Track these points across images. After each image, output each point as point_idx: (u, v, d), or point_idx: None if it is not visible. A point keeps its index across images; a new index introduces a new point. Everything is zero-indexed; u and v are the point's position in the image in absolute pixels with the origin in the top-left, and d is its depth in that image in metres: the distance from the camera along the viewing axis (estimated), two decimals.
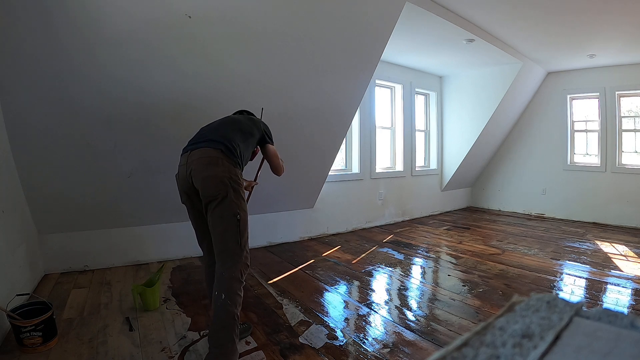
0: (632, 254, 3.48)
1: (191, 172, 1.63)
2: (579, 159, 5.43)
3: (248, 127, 1.86)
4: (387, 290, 2.65)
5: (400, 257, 3.44)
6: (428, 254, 3.55)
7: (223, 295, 1.54)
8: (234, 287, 1.57)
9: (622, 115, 4.93)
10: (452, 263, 3.24)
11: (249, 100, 2.85)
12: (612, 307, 2.28)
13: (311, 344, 1.84)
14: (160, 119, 2.61)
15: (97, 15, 2.03)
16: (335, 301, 2.43)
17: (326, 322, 2.09)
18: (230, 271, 1.59)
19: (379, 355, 1.74)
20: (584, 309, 0.30)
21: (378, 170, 4.83)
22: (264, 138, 1.96)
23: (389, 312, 2.24)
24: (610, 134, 4.95)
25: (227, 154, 1.66)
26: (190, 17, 2.22)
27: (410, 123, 5.19)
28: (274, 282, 2.73)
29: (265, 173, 2.25)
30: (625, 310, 2.25)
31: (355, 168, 4.56)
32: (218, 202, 1.59)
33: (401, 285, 2.71)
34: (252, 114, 2.13)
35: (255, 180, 2.29)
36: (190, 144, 1.72)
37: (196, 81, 2.56)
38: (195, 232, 1.82)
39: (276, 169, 2.02)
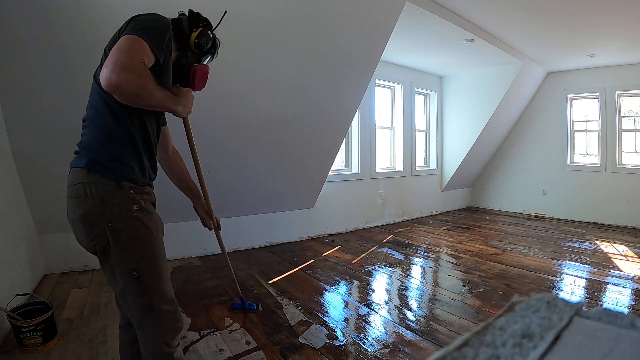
0: (632, 254, 3.48)
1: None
2: (579, 159, 5.43)
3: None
4: (387, 290, 2.65)
5: (400, 257, 3.44)
6: (428, 254, 3.55)
7: None
8: None
9: (622, 115, 4.93)
10: (452, 263, 3.24)
11: (249, 100, 2.85)
12: (612, 307, 2.28)
13: (311, 344, 1.84)
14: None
15: (97, 16, 2.03)
16: (335, 301, 2.43)
17: (326, 322, 2.08)
18: (147, 346, 1.10)
19: (379, 355, 1.74)
20: (584, 309, 0.30)
21: (378, 170, 4.83)
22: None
23: (389, 312, 2.24)
24: (610, 134, 4.95)
25: (97, 170, 1.02)
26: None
27: (410, 123, 5.18)
28: (274, 282, 2.73)
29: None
30: (625, 310, 2.25)
31: (355, 168, 4.56)
32: (100, 257, 1.08)
33: (401, 285, 2.71)
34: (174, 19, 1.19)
35: (209, 213, 1.51)
36: None
37: None
38: None
39: (106, 70, 0.89)
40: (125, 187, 1.04)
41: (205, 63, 1.30)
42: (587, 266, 3.09)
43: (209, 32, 1.23)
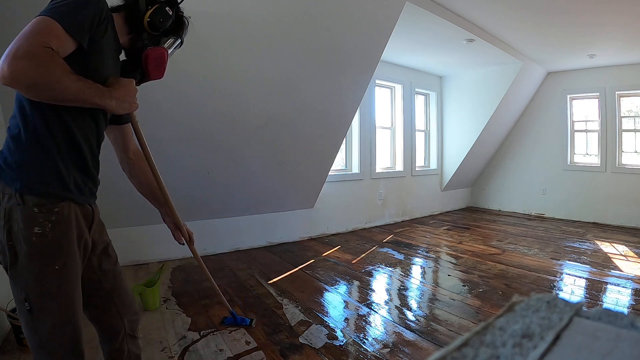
0: (632, 254, 3.48)
1: None
2: (579, 159, 5.43)
3: None
4: (387, 290, 2.65)
5: (400, 257, 3.44)
6: (428, 254, 3.55)
7: None
8: None
9: (622, 115, 4.93)
10: (452, 263, 3.24)
11: (249, 100, 2.85)
12: (612, 307, 2.28)
13: (311, 344, 1.84)
14: (161, 119, 2.61)
15: None
16: (335, 301, 2.43)
17: (326, 322, 2.08)
18: None
19: (379, 355, 1.74)
20: (584, 309, 0.30)
21: (378, 170, 4.83)
22: None
23: (389, 312, 2.24)
24: (610, 134, 4.95)
25: (5, 179, 0.86)
26: (189, 17, 2.22)
27: (410, 123, 5.19)
28: (274, 282, 2.73)
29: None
30: (625, 310, 2.25)
31: (355, 168, 4.56)
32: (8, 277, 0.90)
33: (401, 285, 2.71)
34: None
35: (177, 225, 1.38)
36: None
37: (196, 81, 2.56)
38: None
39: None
40: (28, 203, 0.84)
41: (172, 47, 1.13)
42: (587, 266, 3.08)
43: (168, 9, 1.03)
